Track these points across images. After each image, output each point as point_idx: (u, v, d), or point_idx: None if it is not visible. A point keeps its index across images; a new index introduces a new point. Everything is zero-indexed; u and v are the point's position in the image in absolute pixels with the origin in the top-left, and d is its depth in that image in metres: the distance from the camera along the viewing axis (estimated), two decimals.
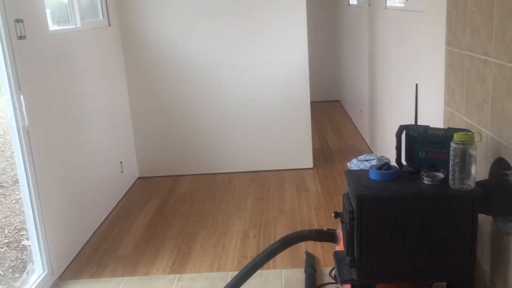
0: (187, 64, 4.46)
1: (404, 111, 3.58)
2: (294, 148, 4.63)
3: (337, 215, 2.17)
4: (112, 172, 4.05)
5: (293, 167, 4.64)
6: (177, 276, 2.90)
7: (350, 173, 2.07)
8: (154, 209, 3.93)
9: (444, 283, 2.17)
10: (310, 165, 4.65)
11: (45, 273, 2.80)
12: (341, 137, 5.73)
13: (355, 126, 6.09)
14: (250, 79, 4.50)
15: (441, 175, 1.90)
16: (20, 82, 2.67)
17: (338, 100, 7.70)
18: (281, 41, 4.41)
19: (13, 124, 2.64)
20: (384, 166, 1.98)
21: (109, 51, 4.17)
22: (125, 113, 4.46)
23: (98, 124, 3.80)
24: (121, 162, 4.23)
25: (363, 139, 5.48)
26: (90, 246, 3.35)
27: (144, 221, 3.72)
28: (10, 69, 2.60)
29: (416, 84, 2.10)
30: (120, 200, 4.13)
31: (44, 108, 2.95)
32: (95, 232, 3.56)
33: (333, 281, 2.69)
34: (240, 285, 2.51)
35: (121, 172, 4.24)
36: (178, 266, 3.01)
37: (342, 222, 2.08)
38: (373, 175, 1.96)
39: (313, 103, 5.35)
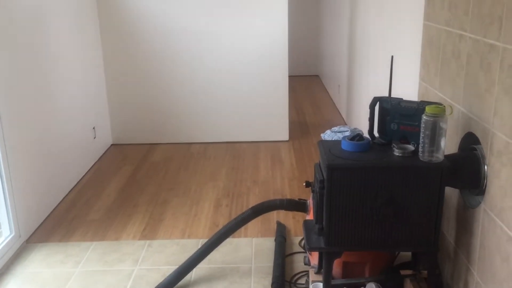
0: (165, 31, 4.37)
1: (380, 85, 3.59)
2: (271, 120, 4.63)
3: (308, 184, 2.18)
4: (84, 138, 3.98)
5: (269, 139, 4.65)
6: (148, 241, 2.89)
7: (323, 143, 2.07)
8: (127, 175, 3.90)
9: (409, 252, 2.22)
10: (286, 137, 4.66)
11: (12, 235, 2.77)
12: (318, 111, 5.74)
13: (333, 101, 6.10)
14: (228, 50, 4.43)
15: (411, 147, 1.92)
16: None
17: (317, 75, 7.69)
18: (260, 12, 4.35)
19: None
20: (356, 137, 1.99)
21: (83, 10, 4.04)
22: (99, 78, 4.36)
23: (69, 87, 3.71)
24: (94, 128, 4.16)
25: (340, 113, 5.51)
26: (60, 210, 3.31)
27: (116, 187, 3.69)
28: None
29: (392, 56, 2.10)
30: (92, 166, 4.08)
31: (11, 69, 2.86)
32: (65, 196, 3.51)
33: (302, 250, 2.73)
34: (210, 252, 2.53)
35: (94, 138, 4.17)
36: (149, 232, 3.01)
37: (313, 191, 2.10)
38: (345, 145, 1.97)
39: (292, 77, 5.33)
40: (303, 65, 7.59)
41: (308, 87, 6.97)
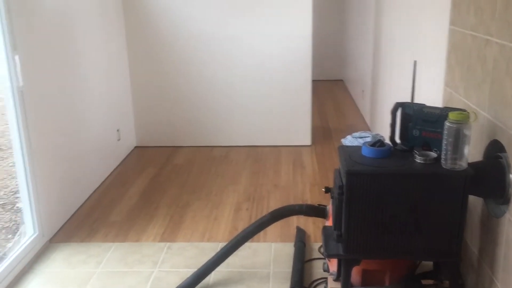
0: (189, 35, 4.40)
1: (404, 90, 3.53)
2: (293, 125, 4.61)
3: (327, 190, 2.15)
4: (109, 139, 4.04)
5: (291, 144, 4.63)
6: (168, 244, 2.91)
7: (343, 149, 2.05)
8: (149, 177, 3.94)
9: (431, 262, 2.17)
10: (309, 142, 4.63)
11: (35, 235, 2.82)
12: (341, 116, 5.69)
13: (356, 106, 6.04)
14: (251, 53, 4.44)
15: (433, 154, 1.88)
16: (16, 42, 2.63)
17: (342, 80, 7.63)
18: (285, 16, 4.34)
19: (8, 84, 2.62)
20: (377, 143, 1.96)
21: (110, 13, 4.11)
22: (124, 80, 4.42)
23: (95, 89, 3.77)
24: (118, 130, 4.21)
25: (363, 119, 5.45)
26: (83, 211, 3.36)
27: (138, 189, 3.72)
28: (5, 28, 2.55)
29: (415, 61, 2.06)
30: (115, 168, 4.13)
31: (39, 69, 2.92)
32: (89, 197, 3.57)
33: (322, 256, 2.70)
34: (229, 255, 2.53)
35: (118, 140, 4.23)
36: (169, 235, 3.02)
37: (332, 197, 2.07)
38: (365, 151, 1.94)
39: (316, 82, 5.30)
40: (327, 70, 7.54)
41: (332, 92, 6.92)
